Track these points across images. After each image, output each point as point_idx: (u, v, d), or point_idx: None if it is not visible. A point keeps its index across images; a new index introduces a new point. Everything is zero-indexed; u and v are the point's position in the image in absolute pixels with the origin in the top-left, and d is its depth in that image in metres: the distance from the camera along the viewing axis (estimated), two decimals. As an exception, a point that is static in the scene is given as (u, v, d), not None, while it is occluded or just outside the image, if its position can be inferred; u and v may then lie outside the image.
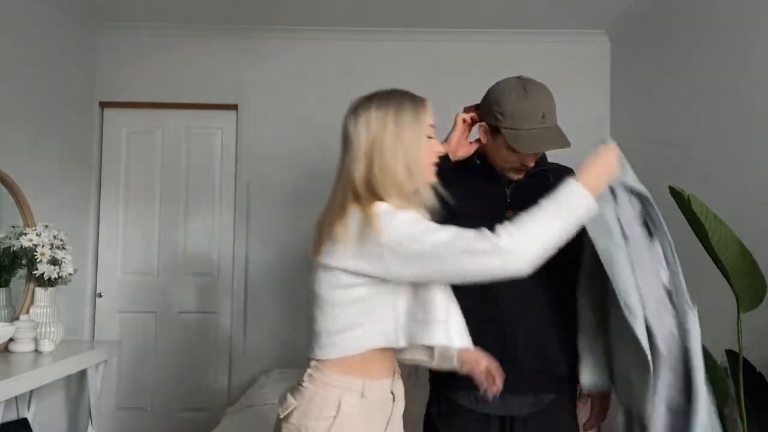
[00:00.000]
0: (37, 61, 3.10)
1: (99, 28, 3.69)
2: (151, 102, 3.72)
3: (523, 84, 1.60)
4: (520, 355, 1.59)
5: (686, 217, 1.82)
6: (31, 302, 2.74)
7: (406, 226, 1.27)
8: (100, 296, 3.69)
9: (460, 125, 1.71)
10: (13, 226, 2.77)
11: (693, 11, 2.84)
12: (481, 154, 1.76)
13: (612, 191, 1.50)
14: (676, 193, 1.79)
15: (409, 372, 3.04)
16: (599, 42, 3.74)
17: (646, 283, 1.42)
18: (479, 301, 1.62)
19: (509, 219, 1.63)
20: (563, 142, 1.60)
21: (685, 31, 2.90)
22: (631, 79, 3.47)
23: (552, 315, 1.62)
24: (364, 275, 1.29)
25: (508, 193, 1.68)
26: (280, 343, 3.63)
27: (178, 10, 3.50)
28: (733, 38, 2.52)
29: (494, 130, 1.62)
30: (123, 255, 3.71)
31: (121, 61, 3.72)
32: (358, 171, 1.32)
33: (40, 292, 2.69)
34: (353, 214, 1.30)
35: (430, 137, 1.39)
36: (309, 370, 1.36)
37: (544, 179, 1.70)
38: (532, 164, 1.63)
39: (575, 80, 3.69)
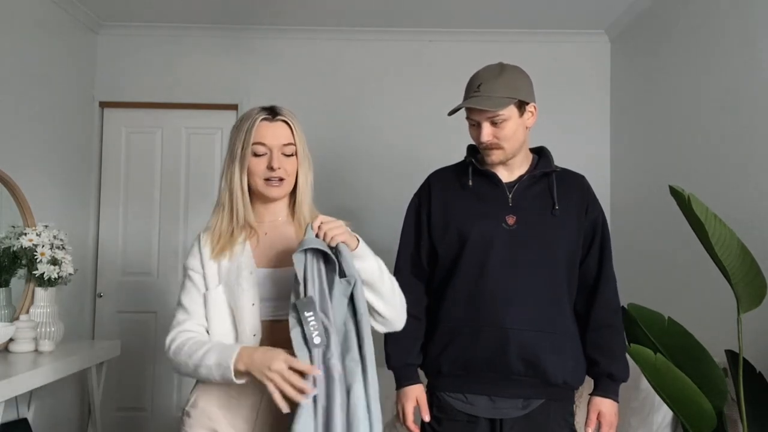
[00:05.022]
0: (37, 61, 3.10)
1: (99, 28, 3.68)
2: (151, 102, 3.72)
3: (490, 65, 1.67)
4: (511, 362, 1.59)
5: (686, 217, 1.82)
6: (31, 302, 2.74)
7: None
8: (100, 296, 3.69)
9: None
10: (13, 226, 2.77)
11: (693, 11, 2.84)
12: (474, 152, 1.76)
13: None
14: (676, 193, 1.79)
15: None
16: (599, 42, 3.74)
17: None
18: (477, 309, 1.62)
19: (510, 225, 1.63)
20: (479, 102, 1.60)
21: (685, 31, 2.90)
22: (631, 79, 3.47)
23: (548, 325, 1.61)
24: None
25: (510, 197, 1.67)
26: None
27: (179, 11, 3.50)
28: (733, 37, 2.52)
29: None
30: (123, 255, 3.71)
31: (121, 61, 3.72)
32: None
33: (40, 292, 2.69)
34: None
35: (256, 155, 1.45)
36: None
37: (547, 184, 1.69)
38: (483, 140, 1.63)
39: (575, 80, 3.69)
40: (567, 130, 3.56)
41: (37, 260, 2.63)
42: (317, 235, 1.32)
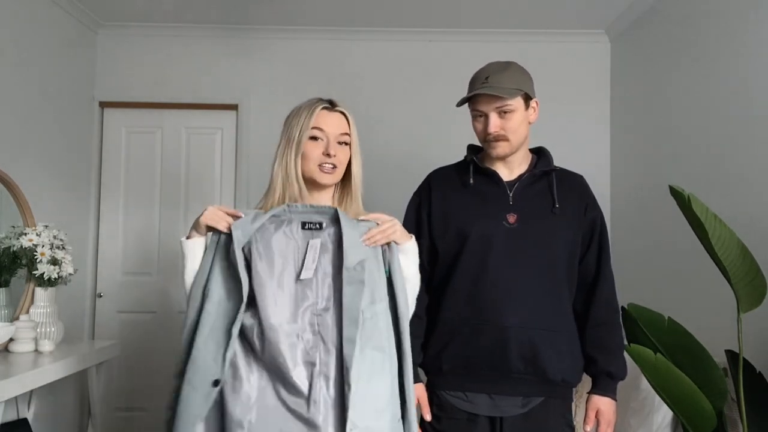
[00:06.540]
0: (37, 60, 3.10)
1: (99, 28, 3.68)
2: (151, 102, 3.72)
3: (496, 61, 1.70)
4: (511, 359, 1.60)
5: (686, 217, 1.82)
6: (31, 302, 2.74)
7: None
8: (100, 296, 3.69)
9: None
10: (13, 226, 2.77)
11: (693, 11, 2.84)
12: (474, 151, 1.76)
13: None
14: (676, 193, 1.79)
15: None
16: (599, 42, 3.74)
17: None
18: (477, 307, 1.62)
19: (511, 223, 1.64)
20: (491, 90, 1.60)
21: (685, 31, 2.91)
22: (631, 79, 3.48)
23: (547, 323, 1.62)
24: None
25: (511, 195, 1.67)
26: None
27: (178, 11, 3.50)
28: (733, 38, 2.52)
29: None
30: (123, 255, 3.71)
31: (121, 61, 3.72)
32: None
33: (40, 292, 2.69)
34: None
35: (313, 138, 1.49)
36: None
37: (547, 182, 1.70)
38: (491, 130, 1.63)
39: (575, 80, 3.69)
40: (567, 130, 3.56)
41: (37, 260, 2.63)
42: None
